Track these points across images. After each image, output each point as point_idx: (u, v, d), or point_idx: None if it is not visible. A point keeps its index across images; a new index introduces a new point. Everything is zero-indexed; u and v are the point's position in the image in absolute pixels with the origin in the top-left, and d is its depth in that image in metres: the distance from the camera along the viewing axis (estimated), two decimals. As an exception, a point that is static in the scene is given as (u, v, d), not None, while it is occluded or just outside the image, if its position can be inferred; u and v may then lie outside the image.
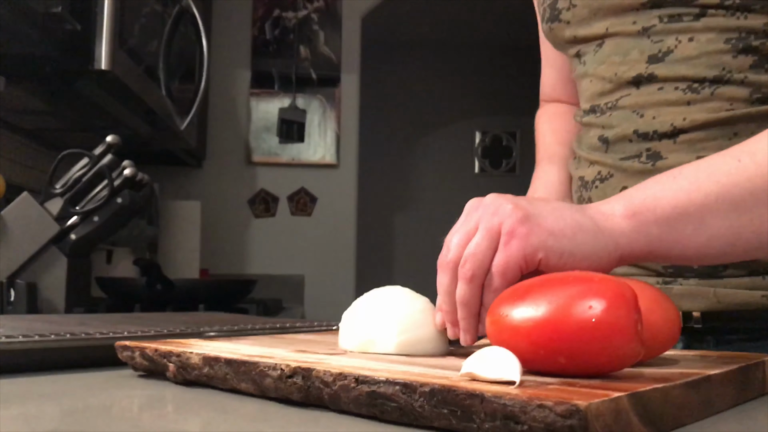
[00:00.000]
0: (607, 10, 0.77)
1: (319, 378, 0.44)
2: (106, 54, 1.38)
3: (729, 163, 0.57)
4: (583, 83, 0.84)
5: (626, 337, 0.44)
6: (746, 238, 0.56)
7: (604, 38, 0.79)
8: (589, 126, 0.82)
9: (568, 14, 0.81)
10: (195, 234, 2.74)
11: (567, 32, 0.83)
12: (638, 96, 0.76)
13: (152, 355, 0.56)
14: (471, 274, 0.54)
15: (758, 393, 0.53)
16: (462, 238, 0.55)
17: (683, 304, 0.75)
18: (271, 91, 3.05)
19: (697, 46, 0.72)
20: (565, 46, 0.86)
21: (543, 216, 0.54)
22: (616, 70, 0.77)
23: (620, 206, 0.56)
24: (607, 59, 0.78)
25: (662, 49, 0.74)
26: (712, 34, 0.71)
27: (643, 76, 0.75)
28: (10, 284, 1.10)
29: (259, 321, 0.96)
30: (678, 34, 0.73)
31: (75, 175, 1.20)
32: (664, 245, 0.56)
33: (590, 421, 0.34)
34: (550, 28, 0.85)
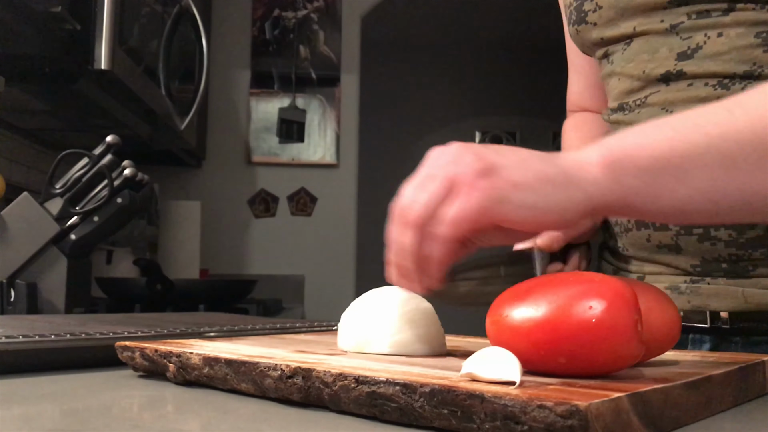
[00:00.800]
0: (634, 10, 0.76)
1: (319, 378, 0.44)
2: (106, 54, 1.38)
3: (719, 113, 0.53)
4: (611, 82, 0.82)
5: (626, 337, 0.44)
6: (731, 196, 0.52)
7: (632, 37, 0.78)
8: (617, 124, 0.80)
9: (595, 16, 0.80)
10: (195, 234, 2.74)
11: (594, 34, 0.82)
12: (667, 93, 0.74)
13: (152, 355, 0.56)
14: (416, 220, 0.50)
15: (758, 393, 0.53)
16: (415, 186, 0.51)
17: (711, 304, 0.74)
18: (271, 91, 3.05)
19: (726, 41, 0.70)
20: (592, 48, 0.85)
21: (507, 167, 0.49)
22: (644, 68, 0.76)
23: (596, 154, 0.52)
24: (635, 57, 0.77)
25: (691, 45, 0.72)
26: (742, 28, 0.70)
27: (672, 73, 0.74)
28: (10, 284, 1.10)
29: (259, 321, 0.96)
30: (707, 29, 0.71)
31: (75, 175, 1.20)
32: (642, 198, 0.51)
33: (590, 422, 0.34)
34: (576, 30, 0.84)
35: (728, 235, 0.71)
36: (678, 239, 0.74)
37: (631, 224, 0.79)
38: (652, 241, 0.77)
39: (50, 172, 1.19)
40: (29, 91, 1.52)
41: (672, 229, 0.74)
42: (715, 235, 0.72)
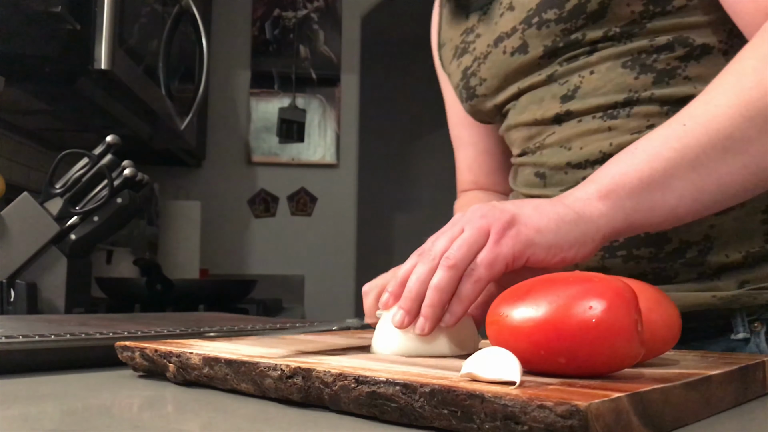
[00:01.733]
0: (514, 74, 0.83)
1: (319, 378, 0.44)
2: (106, 54, 1.38)
3: (677, 129, 0.62)
4: (511, 135, 0.88)
5: (626, 337, 0.44)
6: (708, 191, 0.62)
7: (519, 96, 0.85)
8: (523, 165, 0.86)
9: (482, 88, 0.88)
10: (195, 234, 2.74)
11: (487, 103, 0.89)
12: (561, 132, 0.80)
13: (152, 355, 0.56)
14: (454, 262, 0.56)
15: (758, 393, 0.53)
16: (449, 237, 0.58)
17: None
18: (271, 90, 3.05)
19: (599, 76, 0.77)
20: (489, 116, 0.92)
21: (527, 215, 0.58)
22: (534, 116, 0.82)
23: (592, 190, 0.61)
24: (525, 109, 0.84)
25: (570, 88, 0.79)
26: (609, 62, 0.76)
27: (561, 114, 0.80)
28: (10, 284, 1.10)
29: (259, 321, 0.96)
30: (579, 71, 0.78)
31: (75, 175, 1.20)
32: (640, 215, 0.61)
33: (590, 422, 0.34)
34: (471, 105, 0.91)
35: (649, 252, 0.76)
36: (604, 262, 0.78)
37: None
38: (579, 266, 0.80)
39: (50, 172, 1.19)
40: (29, 91, 1.52)
41: (597, 254, 0.78)
42: (638, 254, 0.76)
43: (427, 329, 0.55)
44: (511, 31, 0.82)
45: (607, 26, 0.75)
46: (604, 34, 0.76)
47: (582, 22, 0.76)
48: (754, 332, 0.75)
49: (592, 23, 0.76)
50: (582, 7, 0.75)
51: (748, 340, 0.75)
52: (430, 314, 0.55)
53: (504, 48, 0.83)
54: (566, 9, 0.76)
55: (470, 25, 0.89)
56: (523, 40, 0.80)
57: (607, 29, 0.75)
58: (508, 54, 0.83)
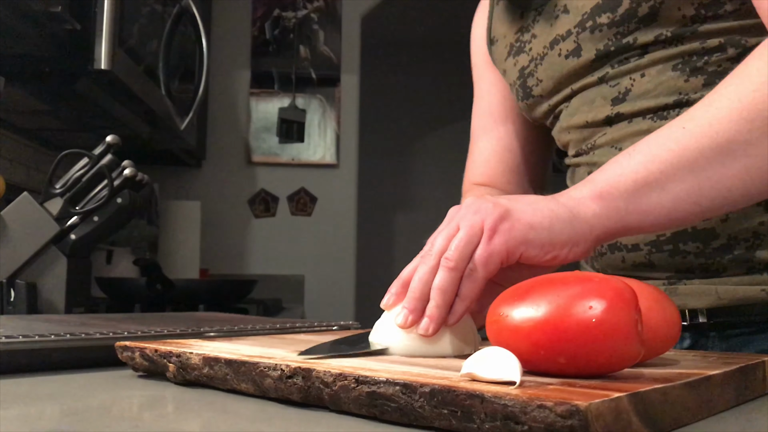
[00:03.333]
0: (567, 77, 0.84)
1: (319, 378, 0.44)
2: (106, 54, 1.38)
3: (675, 131, 0.61)
4: (563, 137, 0.89)
5: (626, 337, 0.44)
6: (708, 195, 0.61)
7: (571, 97, 0.86)
8: (577, 165, 0.87)
9: (538, 89, 0.89)
10: (195, 234, 2.74)
11: (543, 104, 0.90)
12: (613, 132, 0.81)
13: (152, 355, 0.56)
14: (454, 264, 0.56)
15: (758, 393, 0.53)
16: (446, 235, 0.58)
17: (689, 302, 0.78)
18: (271, 91, 3.05)
19: (650, 79, 0.77)
20: (544, 117, 0.92)
21: (521, 210, 0.58)
22: (586, 118, 0.83)
23: (587, 190, 0.61)
24: (576, 111, 0.85)
25: (621, 90, 0.79)
26: (659, 65, 0.77)
27: (611, 116, 0.80)
28: (10, 284, 1.10)
29: (259, 321, 0.96)
30: (630, 74, 0.78)
31: (75, 175, 1.20)
32: (635, 217, 0.60)
33: (590, 422, 0.34)
34: (526, 104, 0.92)
35: (696, 247, 0.76)
36: (651, 257, 0.79)
37: (604, 249, 0.83)
38: (627, 261, 0.81)
39: (50, 172, 1.19)
40: (29, 91, 1.52)
41: (643, 249, 0.79)
42: (684, 249, 0.77)
43: (431, 330, 0.56)
44: (566, 34, 0.83)
45: (658, 30, 0.75)
46: (655, 37, 0.76)
47: (634, 26, 0.76)
48: None
49: (644, 27, 0.76)
50: (633, 11, 0.75)
51: None
52: (435, 315, 0.56)
53: (559, 50, 0.84)
54: (618, 13, 0.76)
55: (525, 25, 0.90)
56: (577, 43, 0.81)
57: (659, 33, 0.75)
58: (562, 57, 0.83)
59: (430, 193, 4.67)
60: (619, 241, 0.80)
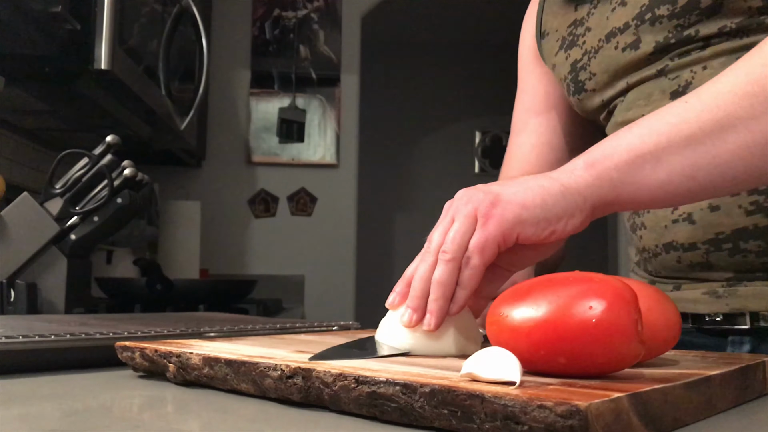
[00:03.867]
0: (623, 70, 0.81)
1: (319, 378, 0.44)
2: (106, 54, 1.38)
3: (677, 105, 0.60)
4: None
5: (626, 337, 0.44)
6: (705, 170, 0.58)
7: (627, 90, 0.82)
8: None
9: (591, 83, 0.86)
10: (195, 234, 2.74)
11: (596, 99, 0.87)
12: None
13: (152, 355, 0.56)
14: (451, 255, 0.57)
15: (758, 393, 0.53)
16: (441, 231, 0.59)
17: (749, 305, 0.75)
18: (271, 91, 3.05)
19: (712, 72, 0.73)
20: (595, 112, 0.89)
21: (512, 192, 0.58)
22: (642, 112, 0.79)
23: (580, 161, 0.60)
24: (632, 105, 0.81)
25: (681, 83, 0.76)
26: (723, 58, 0.73)
27: None
28: (10, 284, 1.10)
29: (259, 321, 0.96)
30: (691, 66, 0.75)
31: (75, 175, 1.20)
32: (628, 188, 0.59)
33: (590, 422, 0.34)
34: (578, 99, 0.90)
35: (757, 246, 0.73)
36: (708, 256, 0.76)
37: (659, 249, 0.80)
38: (683, 261, 0.78)
39: (50, 172, 1.19)
40: (29, 91, 1.52)
41: (701, 248, 0.76)
42: (745, 248, 0.73)
43: (433, 324, 0.56)
44: (623, 27, 0.80)
45: (722, 22, 0.72)
46: (719, 30, 0.73)
47: (695, 18, 0.73)
48: None
49: (706, 19, 0.73)
50: (696, 2, 0.73)
51: None
52: (435, 309, 0.56)
53: (616, 43, 0.81)
54: (679, 5, 0.74)
55: (579, 18, 0.88)
56: (636, 36, 0.79)
57: (723, 25, 0.73)
58: (619, 50, 0.81)
59: (430, 193, 4.67)
60: (674, 239, 0.78)
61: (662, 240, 0.79)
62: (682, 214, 0.76)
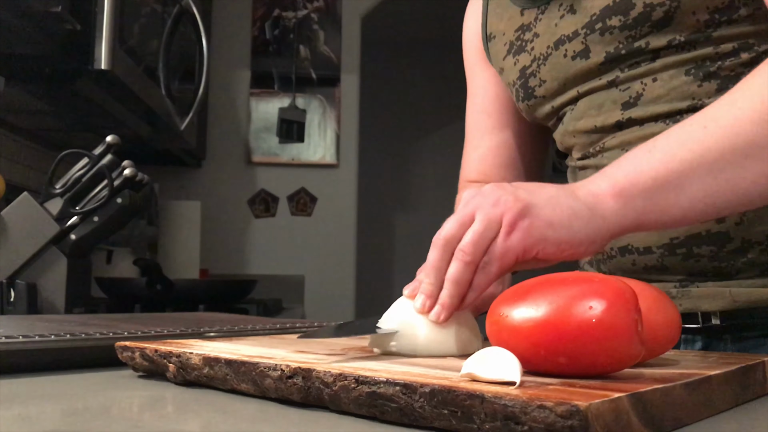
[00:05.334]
0: (573, 78, 0.82)
1: (319, 378, 0.44)
2: (106, 54, 1.38)
3: (697, 131, 0.61)
4: (567, 140, 0.87)
5: (626, 338, 0.44)
6: (724, 197, 0.60)
7: (577, 100, 0.83)
8: (584, 168, 0.85)
9: (541, 90, 0.86)
10: (195, 234, 2.74)
11: (546, 105, 0.87)
12: (623, 136, 0.79)
13: (152, 355, 0.56)
14: (471, 258, 0.56)
15: (758, 393, 0.53)
16: (459, 221, 0.58)
17: (702, 305, 0.77)
18: (271, 91, 3.05)
19: (662, 84, 0.76)
20: (545, 119, 0.90)
21: (541, 206, 0.58)
22: (594, 122, 0.81)
23: (606, 185, 0.60)
24: (583, 115, 0.82)
25: (632, 95, 0.77)
26: (672, 70, 0.75)
27: (622, 121, 0.79)
28: (10, 284, 1.10)
29: (259, 321, 0.96)
30: (642, 78, 0.77)
31: (75, 175, 1.20)
32: (651, 215, 0.60)
33: (590, 422, 0.34)
34: (527, 105, 0.90)
35: (710, 251, 0.75)
36: (663, 260, 0.78)
37: (614, 251, 0.82)
38: (638, 264, 0.80)
39: (50, 172, 1.19)
40: (29, 91, 1.52)
41: (656, 252, 0.78)
42: (698, 252, 0.76)
43: (443, 317, 0.57)
44: (572, 35, 0.80)
45: (672, 35, 0.74)
46: (668, 42, 0.74)
47: (647, 30, 0.75)
48: None
49: (657, 31, 0.74)
50: (647, 15, 0.74)
51: None
52: (447, 304, 0.57)
53: (565, 51, 0.82)
54: (631, 16, 0.75)
55: (526, 23, 0.87)
56: (585, 44, 0.79)
57: (672, 38, 0.74)
58: (569, 58, 0.81)
59: (430, 193, 4.67)
60: (630, 243, 0.79)
61: (618, 243, 0.80)
62: None
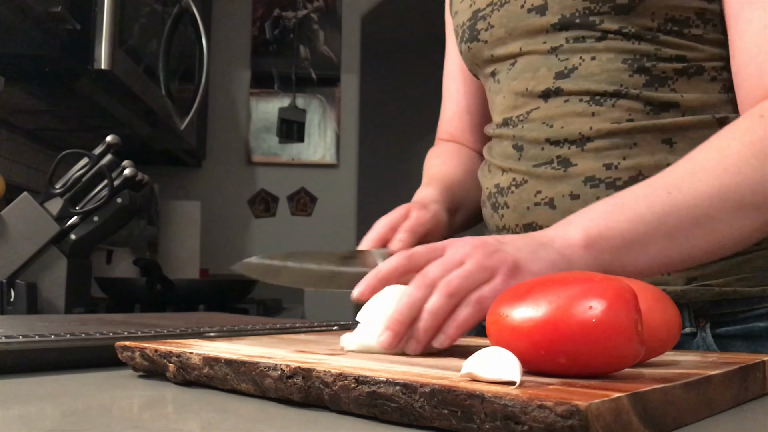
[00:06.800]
0: (521, 31, 0.84)
1: (319, 378, 0.44)
2: (106, 54, 1.38)
3: (661, 195, 0.67)
4: (497, 99, 0.89)
5: (626, 337, 0.44)
6: (675, 258, 0.68)
7: (517, 57, 0.86)
8: (501, 137, 0.88)
9: (486, 34, 0.88)
10: (195, 234, 2.74)
11: (485, 52, 0.89)
12: (547, 109, 0.82)
13: (152, 355, 0.56)
14: (455, 290, 0.57)
15: (758, 393, 0.53)
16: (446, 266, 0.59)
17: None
18: (271, 90, 3.05)
19: (598, 64, 0.79)
20: (481, 66, 0.92)
21: (528, 260, 0.61)
22: (527, 85, 0.84)
23: (579, 236, 0.65)
24: (519, 75, 0.85)
25: (568, 66, 0.81)
26: (612, 54, 0.79)
27: (551, 90, 0.82)
28: (10, 284, 1.10)
29: (259, 321, 0.96)
30: (582, 53, 0.80)
31: (75, 175, 1.20)
32: (615, 269, 0.65)
33: (590, 422, 0.34)
34: (468, 47, 0.91)
35: None
36: None
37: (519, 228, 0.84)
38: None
39: (50, 172, 1.19)
40: (29, 91, 1.52)
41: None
42: None
43: (419, 350, 0.57)
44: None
45: (625, 23, 0.78)
46: (619, 27, 0.78)
47: (606, 9, 0.78)
48: (699, 327, 0.79)
49: (614, 14, 0.78)
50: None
51: (694, 334, 0.79)
52: (422, 338, 0.57)
53: (523, 2, 0.84)
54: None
55: None
56: (545, 1, 0.82)
57: (623, 26, 0.78)
58: (525, 9, 0.83)
59: (430, 193, 4.67)
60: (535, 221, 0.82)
61: (523, 221, 0.83)
62: (544, 198, 0.81)
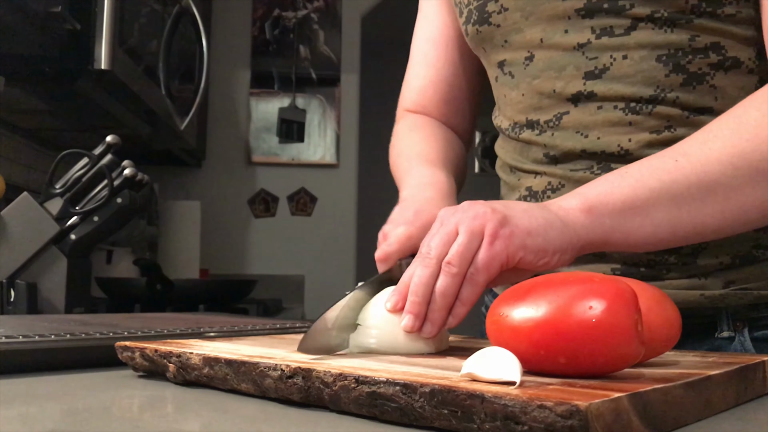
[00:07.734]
0: (540, 16, 0.77)
1: (319, 378, 0.44)
2: (106, 54, 1.38)
3: (668, 162, 0.65)
4: (511, 94, 0.83)
5: (626, 337, 0.44)
6: (684, 228, 0.65)
7: (535, 51, 0.79)
8: (529, 143, 0.82)
9: (499, 17, 0.81)
10: (195, 234, 2.74)
11: (497, 37, 0.82)
12: (579, 115, 0.76)
13: (152, 355, 0.56)
14: (457, 270, 0.58)
15: (758, 393, 0.53)
16: (444, 239, 0.59)
17: None
18: (271, 91, 3.05)
19: (631, 64, 0.74)
20: (489, 52, 0.85)
21: (518, 217, 0.60)
22: (553, 86, 0.77)
23: (577, 202, 0.64)
24: (542, 73, 0.78)
25: (598, 66, 0.75)
26: (645, 51, 0.74)
27: (583, 93, 0.76)
28: (10, 284, 1.10)
29: (259, 321, 0.96)
30: (613, 51, 0.74)
31: (75, 175, 1.20)
32: (617, 235, 0.64)
33: (590, 422, 0.34)
34: (477, 30, 0.84)
35: None
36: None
37: None
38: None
39: (50, 172, 1.19)
40: (29, 91, 1.52)
41: None
42: None
43: (434, 333, 0.58)
44: None
45: (657, 6, 0.72)
46: (651, 12, 0.72)
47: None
48: (737, 331, 0.77)
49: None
50: None
51: (732, 338, 0.76)
52: (437, 318, 0.58)
53: None
54: None
55: None
56: None
57: (655, 9, 0.72)
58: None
59: (430, 193, 4.66)
60: None
61: None
62: None
